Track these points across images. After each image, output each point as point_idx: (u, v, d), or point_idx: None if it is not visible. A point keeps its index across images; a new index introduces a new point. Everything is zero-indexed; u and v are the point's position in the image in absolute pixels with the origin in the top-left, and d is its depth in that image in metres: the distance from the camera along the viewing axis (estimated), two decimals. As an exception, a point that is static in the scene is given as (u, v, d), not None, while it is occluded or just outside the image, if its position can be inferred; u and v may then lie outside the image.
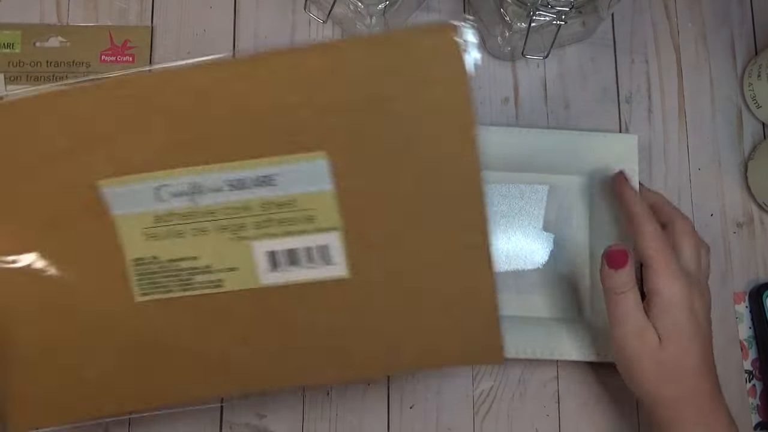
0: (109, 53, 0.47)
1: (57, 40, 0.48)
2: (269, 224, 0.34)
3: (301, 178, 0.33)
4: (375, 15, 0.44)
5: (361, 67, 0.32)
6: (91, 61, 0.47)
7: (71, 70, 0.47)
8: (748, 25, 0.52)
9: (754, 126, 0.50)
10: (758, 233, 0.49)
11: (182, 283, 0.35)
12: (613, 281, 0.39)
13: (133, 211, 0.34)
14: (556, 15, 0.42)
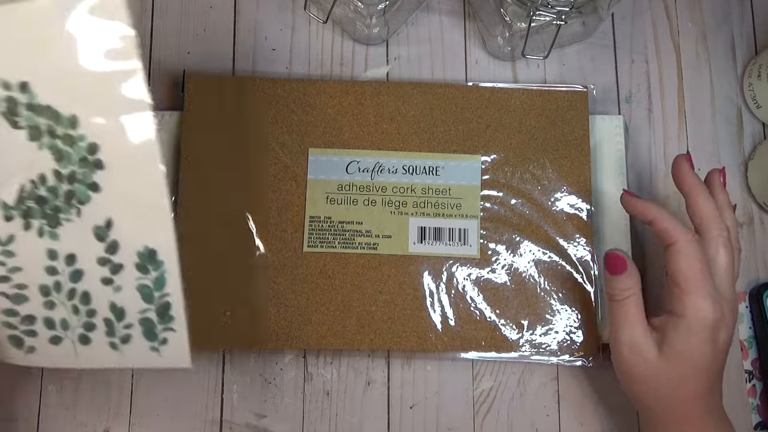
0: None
1: None
2: (426, 205, 0.45)
3: (459, 173, 0.45)
4: (375, 15, 0.44)
5: (520, 104, 0.47)
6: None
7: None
8: (748, 25, 0.52)
9: (754, 126, 0.50)
10: (758, 233, 0.49)
11: (345, 241, 0.45)
12: (612, 286, 0.38)
13: (324, 178, 0.45)
14: (556, 15, 0.42)
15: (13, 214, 0.34)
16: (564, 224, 0.45)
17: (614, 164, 0.47)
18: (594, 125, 0.47)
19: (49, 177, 0.34)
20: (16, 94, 0.32)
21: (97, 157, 0.33)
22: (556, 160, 0.46)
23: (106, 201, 0.34)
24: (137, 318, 0.35)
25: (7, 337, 0.36)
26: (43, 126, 0.32)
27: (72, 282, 0.35)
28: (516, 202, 0.46)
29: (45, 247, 0.35)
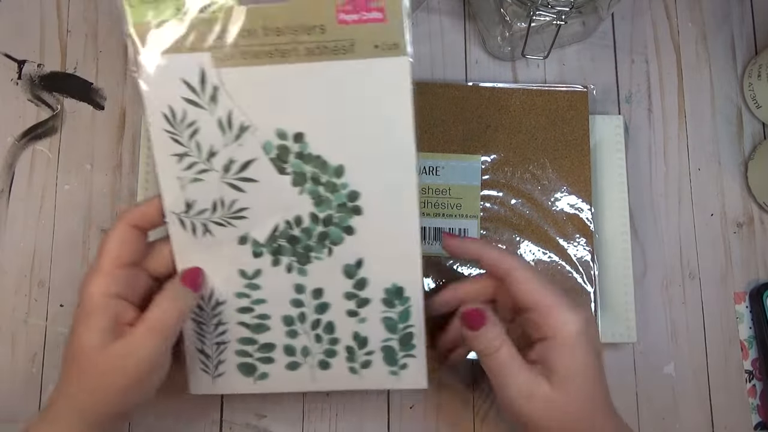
0: (348, 9, 0.33)
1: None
2: (426, 205, 0.45)
3: (459, 173, 0.45)
4: (375, 15, 0.44)
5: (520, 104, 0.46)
6: (326, 24, 0.33)
7: (299, 39, 0.33)
8: (748, 25, 0.52)
9: (754, 126, 0.50)
10: (758, 233, 0.49)
11: None
12: (479, 342, 0.35)
13: None
14: (556, 15, 0.42)
15: (263, 251, 0.37)
16: (564, 224, 0.45)
17: (614, 164, 0.47)
18: (594, 125, 0.47)
19: (305, 219, 0.36)
20: (290, 143, 0.35)
21: (356, 203, 0.36)
22: (556, 160, 0.46)
23: (359, 243, 0.36)
24: (379, 346, 0.38)
25: (237, 365, 0.39)
26: (309, 173, 0.35)
27: (317, 313, 0.38)
28: (516, 202, 0.46)
29: (292, 282, 0.37)
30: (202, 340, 0.38)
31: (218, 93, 0.34)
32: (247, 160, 0.35)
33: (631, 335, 0.44)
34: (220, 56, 0.33)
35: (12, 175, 0.47)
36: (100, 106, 0.48)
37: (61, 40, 0.49)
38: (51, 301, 0.45)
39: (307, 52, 0.33)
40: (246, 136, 0.34)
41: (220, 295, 0.37)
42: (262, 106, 0.34)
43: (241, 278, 0.37)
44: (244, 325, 0.38)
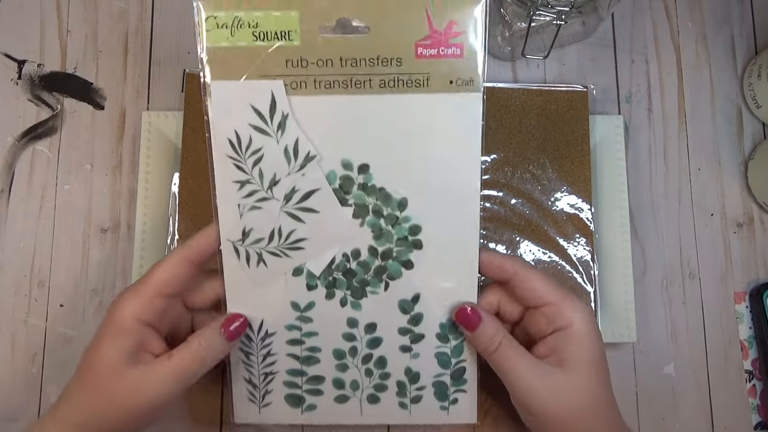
0: (427, 44, 0.33)
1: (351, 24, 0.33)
2: None
3: None
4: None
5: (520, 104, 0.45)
6: (404, 57, 0.33)
7: (375, 71, 0.33)
8: (748, 25, 0.52)
9: (755, 126, 0.50)
10: (758, 233, 0.49)
11: None
12: (480, 341, 0.35)
13: None
14: (556, 15, 0.42)
15: (317, 284, 0.36)
16: (564, 224, 0.45)
17: (614, 164, 0.47)
18: (594, 125, 0.47)
19: (363, 252, 0.36)
20: (354, 174, 0.35)
21: (417, 237, 0.36)
22: (556, 160, 0.46)
23: (417, 277, 0.36)
24: (431, 381, 0.38)
25: (284, 396, 0.38)
26: (371, 205, 0.35)
27: (369, 348, 0.37)
28: (516, 202, 0.46)
29: (346, 315, 0.37)
30: (250, 369, 0.38)
31: (287, 121, 0.34)
32: (309, 189, 0.35)
33: (631, 335, 0.44)
34: (293, 84, 0.34)
35: (12, 175, 0.47)
36: (100, 106, 0.48)
37: (61, 40, 0.49)
38: (51, 301, 0.45)
39: (381, 84, 0.34)
40: (311, 165, 0.34)
41: (270, 326, 0.37)
42: (330, 136, 0.34)
43: (293, 310, 0.36)
44: (294, 357, 0.37)
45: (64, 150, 0.47)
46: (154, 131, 0.46)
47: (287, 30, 0.33)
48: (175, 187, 0.45)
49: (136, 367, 0.33)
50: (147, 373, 0.33)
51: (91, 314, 0.45)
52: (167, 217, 0.45)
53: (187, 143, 0.45)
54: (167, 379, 0.33)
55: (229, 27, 0.33)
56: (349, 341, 0.37)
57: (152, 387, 0.33)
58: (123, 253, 0.46)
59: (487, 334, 0.35)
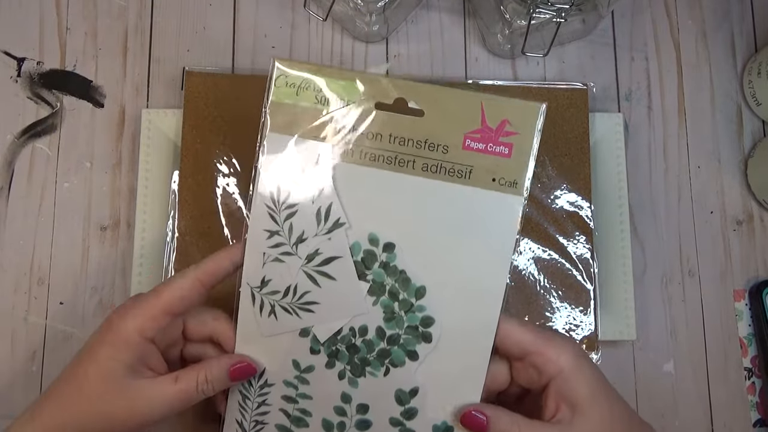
0: (477, 137, 0.33)
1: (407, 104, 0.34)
2: None
3: None
4: (375, 12, 0.44)
5: None
6: (451, 146, 0.34)
7: (420, 153, 0.34)
8: (748, 23, 0.52)
9: (754, 124, 0.50)
10: (758, 231, 0.49)
11: None
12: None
13: None
14: (556, 12, 0.42)
15: (320, 349, 0.36)
16: (564, 222, 0.45)
17: (614, 162, 0.47)
18: (594, 123, 0.47)
19: (370, 331, 0.35)
20: (378, 251, 0.34)
21: (428, 330, 0.34)
22: (555, 157, 0.46)
23: (420, 371, 0.35)
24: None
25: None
26: (388, 286, 0.35)
27: (357, 429, 0.36)
28: None
29: (341, 389, 0.36)
30: (243, 413, 0.37)
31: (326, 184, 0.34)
32: (331, 255, 0.35)
33: (630, 333, 0.44)
34: (339, 150, 0.34)
35: (11, 172, 0.47)
36: (100, 104, 0.48)
37: (61, 38, 0.49)
38: (51, 298, 0.45)
39: (424, 168, 0.34)
40: (338, 232, 0.34)
41: (269, 376, 0.36)
42: (363, 207, 0.34)
43: (293, 368, 0.36)
44: (285, 414, 0.37)
45: (64, 148, 0.47)
46: (153, 129, 0.46)
47: (348, 99, 0.34)
48: (174, 185, 0.45)
49: (136, 381, 0.33)
50: (147, 389, 0.33)
51: (90, 312, 0.45)
52: (167, 214, 0.45)
53: (187, 141, 0.45)
54: (169, 401, 0.34)
55: (296, 87, 0.34)
56: (340, 416, 0.36)
57: (150, 403, 0.33)
58: (122, 251, 0.46)
59: (498, 428, 0.34)
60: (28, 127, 0.47)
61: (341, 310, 0.35)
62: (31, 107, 0.48)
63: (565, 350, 0.34)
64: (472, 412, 0.34)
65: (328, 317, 0.35)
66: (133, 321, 0.33)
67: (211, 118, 0.45)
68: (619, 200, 0.46)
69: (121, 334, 0.33)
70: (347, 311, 0.35)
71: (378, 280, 0.35)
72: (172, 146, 0.46)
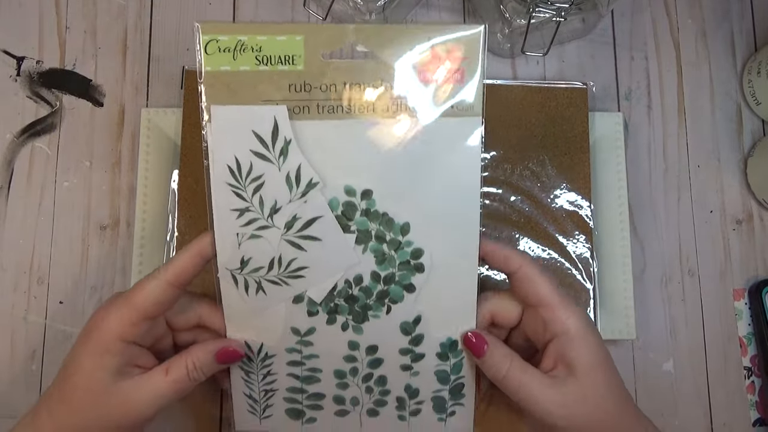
0: (429, 69, 0.34)
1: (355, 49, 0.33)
2: None
3: None
4: (374, 11, 0.44)
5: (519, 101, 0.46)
6: (405, 82, 0.34)
7: (377, 95, 0.34)
8: (748, 22, 0.52)
9: (754, 123, 0.50)
10: (758, 230, 0.49)
11: None
12: (489, 367, 0.35)
13: None
14: (556, 12, 0.42)
15: (318, 310, 0.36)
16: (563, 221, 0.45)
17: (614, 161, 0.47)
18: (593, 122, 0.47)
19: (365, 278, 0.36)
20: (357, 200, 0.34)
21: (419, 261, 0.35)
22: (555, 157, 0.46)
23: (419, 300, 0.36)
24: (430, 396, 0.38)
25: (285, 410, 0.38)
26: (374, 231, 0.35)
27: (369, 368, 0.37)
28: (515, 199, 0.46)
29: (347, 339, 0.36)
30: (250, 386, 0.38)
31: (289, 146, 0.33)
32: (311, 217, 0.34)
33: (630, 332, 0.44)
34: (296, 109, 0.33)
35: (11, 172, 0.47)
36: (99, 103, 0.48)
37: (60, 37, 0.49)
38: (50, 298, 0.45)
39: (384, 109, 0.33)
40: (313, 192, 0.34)
41: (270, 349, 0.37)
42: (333, 162, 0.34)
43: (293, 335, 0.36)
44: (294, 377, 0.37)
45: (63, 147, 0.47)
46: (153, 128, 0.46)
47: (291, 54, 0.33)
48: (174, 184, 0.45)
49: (125, 382, 0.33)
50: (139, 387, 0.34)
51: (90, 311, 0.45)
52: (166, 214, 0.45)
53: (187, 140, 0.45)
54: (164, 393, 0.34)
55: (231, 51, 0.32)
56: (350, 362, 0.37)
57: (145, 400, 0.33)
58: (122, 250, 0.46)
59: (494, 359, 0.35)
60: (28, 126, 0.47)
61: (333, 267, 0.35)
62: (31, 106, 0.48)
63: (575, 315, 0.34)
64: (473, 336, 0.36)
65: (321, 277, 0.35)
66: (111, 327, 0.33)
67: None
68: (619, 199, 0.46)
69: (103, 342, 0.33)
70: (339, 266, 0.35)
71: (362, 228, 0.35)
72: (171, 145, 0.46)
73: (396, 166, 0.34)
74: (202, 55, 0.32)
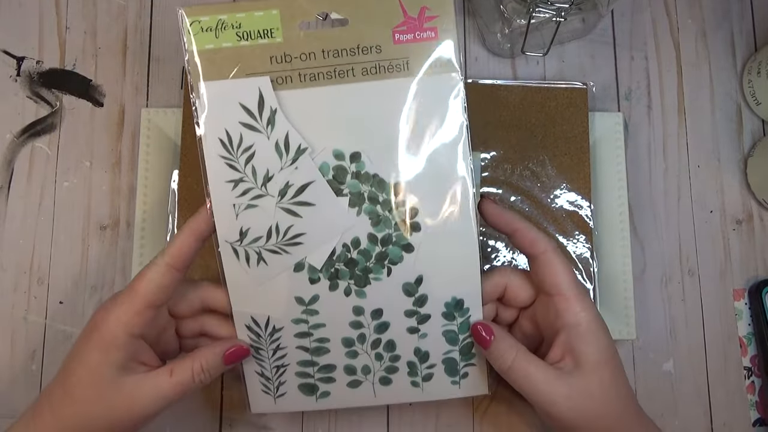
0: (403, 29, 0.34)
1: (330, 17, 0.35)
2: None
3: None
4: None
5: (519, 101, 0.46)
6: (383, 44, 0.34)
7: (356, 60, 0.34)
8: (747, 22, 0.52)
9: (754, 123, 0.50)
10: (757, 230, 0.49)
11: None
12: (494, 357, 0.35)
13: None
14: (556, 12, 0.42)
15: (319, 277, 0.36)
16: (563, 221, 0.45)
17: (614, 161, 0.47)
18: (593, 122, 0.47)
19: (363, 241, 0.36)
20: (347, 163, 0.35)
21: (415, 220, 0.36)
22: (555, 157, 0.46)
23: (418, 260, 0.36)
24: (441, 358, 0.38)
25: (298, 386, 0.38)
26: (366, 192, 0.35)
27: (377, 333, 0.37)
28: (515, 199, 0.46)
29: (351, 304, 0.37)
30: (261, 364, 0.38)
31: (276, 116, 0.34)
32: (303, 183, 0.35)
33: (630, 332, 0.44)
34: (278, 79, 0.34)
35: (11, 172, 0.47)
36: (99, 103, 0.48)
37: (60, 37, 0.49)
38: (50, 298, 0.45)
39: (363, 72, 0.35)
40: (303, 158, 0.35)
41: (277, 322, 0.37)
42: (319, 127, 0.35)
43: (298, 305, 0.37)
44: (303, 349, 0.38)
45: (63, 147, 0.47)
46: (153, 128, 0.46)
47: (269, 28, 0.34)
48: (174, 184, 0.45)
49: (130, 378, 0.33)
50: (143, 385, 0.34)
51: (90, 311, 0.45)
52: (166, 214, 0.45)
53: (187, 140, 0.45)
54: (166, 394, 0.34)
55: (213, 30, 0.34)
56: (357, 329, 0.37)
57: (148, 398, 0.33)
58: (122, 250, 0.46)
59: (500, 350, 0.35)
60: (28, 127, 0.47)
61: (330, 230, 0.36)
62: (31, 106, 0.48)
63: (590, 310, 0.35)
64: (480, 326, 0.36)
65: (318, 243, 0.36)
66: (117, 321, 0.33)
67: None
68: (619, 200, 0.46)
69: (108, 336, 0.33)
70: (336, 230, 0.36)
71: (355, 191, 0.35)
72: (171, 145, 0.46)
73: (381, 127, 0.35)
74: (187, 36, 0.34)
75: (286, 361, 0.38)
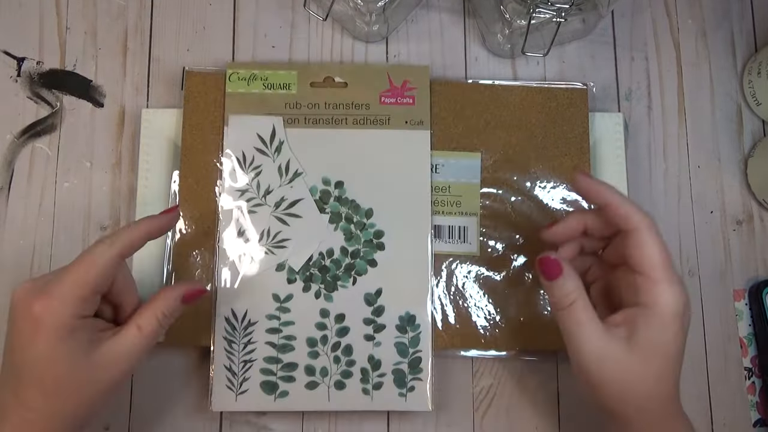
0: (388, 95, 0.45)
1: (333, 80, 0.46)
2: None
3: (458, 170, 0.46)
4: (375, 12, 0.44)
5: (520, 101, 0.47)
6: (371, 103, 0.45)
7: (350, 112, 0.45)
8: (748, 22, 0.52)
9: (754, 123, 0.50)
10: (758, 230, 0.49)
11: None
12: (553, 294, 0.35)
13: None
14: (556, 12, 0.42)
15: (296, 278, 0.43)
16: None
17: (614, 162, 0.47)
18: (594, 123, 0.47)
19: (336, 252, 0.44)
20: (332, 188, 0.44)
21: (380, 240, 0.44)
22: (556, 157, 0.46)
23: (380, 274, 0.44)
24: (391, 368, 0.43)
25: (260, 383, 0.42)
26: (344, 213, 0.44)
27: (338, 336, 0.43)
28: (516, 199, 0.46)
29: (319, 306, 0.43)
30: (231, 358, 0.42)
31: (282, 146, 0.45)
32: (295, 199, 0.44)
33: (630, 332, 0.45)
34: (289, 120, 0.45)
35: (11, 172, 0.47)
36: (100, 104, 0.48)
37: (60, 38, 0.49)
38: (51, 298, 0.45)
39: (354, 122, 0.45)
40: (298, 180, 0.44)
41: (253, 316, 0.43)
42: (314, 158, 0.45)
43: (273, 302, 0.43)
44: (271, 345, 0.43)
45: (64, 147, 0.47)
46: (153, 129, 0.46)
47: (288, 83, 0.46)
48: (174, 185, 0.45)
49: (101, 348, 0.34)
50: (116, 348, 0.34)
51: (90, 312, 0.45)
52: (167, 214, 0.45)
53: (187, 141, 0.45)
54: (140, 348, 0.35)
55: (246, 80, 0.45)
56: (321, 330, 0.43)
57: (126, 358, 0.35)
58: (123, 251, 0.46)
59: (564, 288, 0.34)
60: (28, 127, 0.47)
61: (310, 239, 0.44)
62: (31, 107, 0.48)
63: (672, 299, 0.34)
64: (552, 258, 0.35)
65: (300, 249, 0.44)
66: (64, 308, 0.33)
67: (211, 118, 0.46)
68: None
69: (62, 329, 0.33)
70: (315, 239, 0.44)
71: (335, 211, 0.44)
72: (172, 146, 0.46)
73: (363, 165, 0.45)
74: (228, 82, 0.45)
75: (253, 356, 0.42)
